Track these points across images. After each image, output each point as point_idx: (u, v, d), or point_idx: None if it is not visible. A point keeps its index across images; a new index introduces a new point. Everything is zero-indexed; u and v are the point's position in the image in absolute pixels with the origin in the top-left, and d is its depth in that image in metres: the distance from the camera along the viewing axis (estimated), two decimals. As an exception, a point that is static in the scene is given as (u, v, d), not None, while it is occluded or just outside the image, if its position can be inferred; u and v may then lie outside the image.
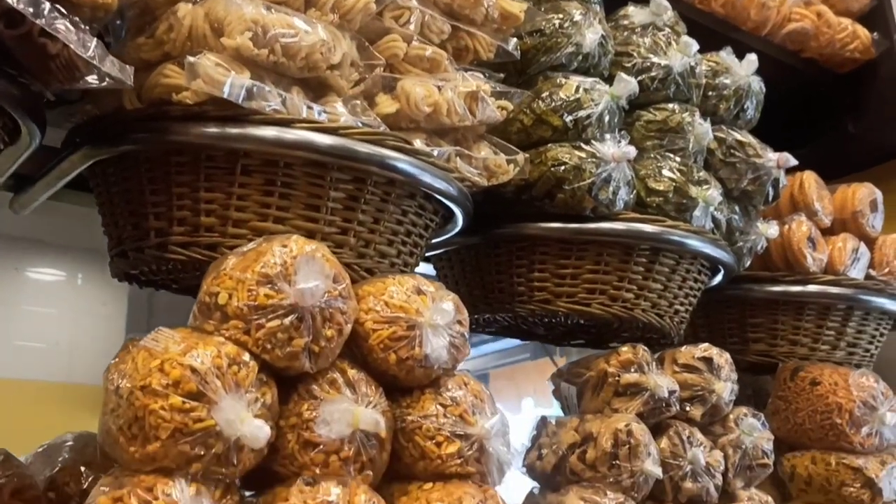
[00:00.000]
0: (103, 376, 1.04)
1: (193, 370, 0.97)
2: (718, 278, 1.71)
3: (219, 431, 0.97)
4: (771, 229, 1.73)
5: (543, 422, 1.51)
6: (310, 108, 1.18)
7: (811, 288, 1.86)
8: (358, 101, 1.25)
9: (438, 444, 1.14)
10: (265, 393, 1.04)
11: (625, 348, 1.48)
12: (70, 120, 1.30)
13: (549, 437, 1.47)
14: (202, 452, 0.96)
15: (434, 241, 1.49)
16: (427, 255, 1.62)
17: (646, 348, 1.49)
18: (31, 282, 6.13)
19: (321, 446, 1.06)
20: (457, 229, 1.47)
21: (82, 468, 1.29)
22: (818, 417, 1.76)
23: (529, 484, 1.50)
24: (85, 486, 1.28)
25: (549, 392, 1.61)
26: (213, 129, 1.13)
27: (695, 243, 1.55)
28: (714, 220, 1.61)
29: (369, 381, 1.12)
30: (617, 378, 1.45)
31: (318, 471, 1.05)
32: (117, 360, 1.04)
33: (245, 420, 0.98)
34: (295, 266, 1.05)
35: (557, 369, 1.60)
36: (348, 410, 1.07)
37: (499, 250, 1.58)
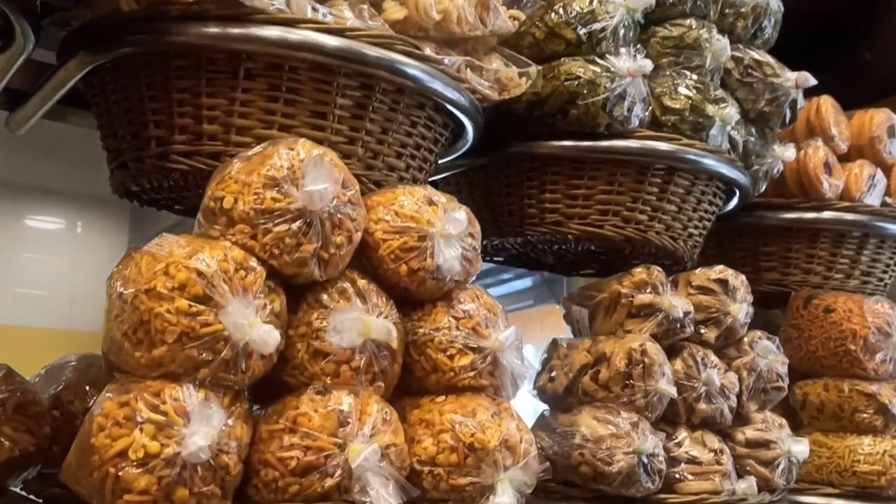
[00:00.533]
0: (106, 283, 1.00)
1: (199, 273, 0.94)
2: (733, 202, 1.67)
3: (227, 336, 0.94)
4: (788, 152, 1.68)
5: (555, 344, 1.48)
6: (315, 9, 1.13)
7: (826, 214, 1.82)
8: (365, 6, 1.20)
9: (451, 357, 1.11)
10: (273, 300, 1.00)
11: (638, 269, 1.45)
12: (65, 28, 1.25)
13: (560, 359, 1.44)
14: (210, 358, 0.93)
15: (443, 160, 1.45)
16: (434, 178, 1.58)
17: (660, 269, 1.45)
18: (30, 230, 6.10)
19: (332, 356, 1.03)
20: (467, 145, 1.43)
21: (87, 387, 1.27)
22: (832, 344, 1.74)
23: (539, 407, 1.48)
24: (90, 405, 1.25)
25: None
26: (213, 30, 1.08)
27: (711, 163, 1.50)
28: (731, 140, 1.56)
29: (380, 293, 1.09)
30: (630, 299, 1.42)
31: (328, 381, 1.02)
32: (120, 266, 1.01)
33: (254, 325, 0.94)
34: (302, 169, 1.01)
35: (568, 294, 1.57)
36: (359, 319, 1.03)
37: (509, 171, 1.54)
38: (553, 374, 1.44)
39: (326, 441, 0.97)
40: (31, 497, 1.10)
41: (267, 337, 0.95)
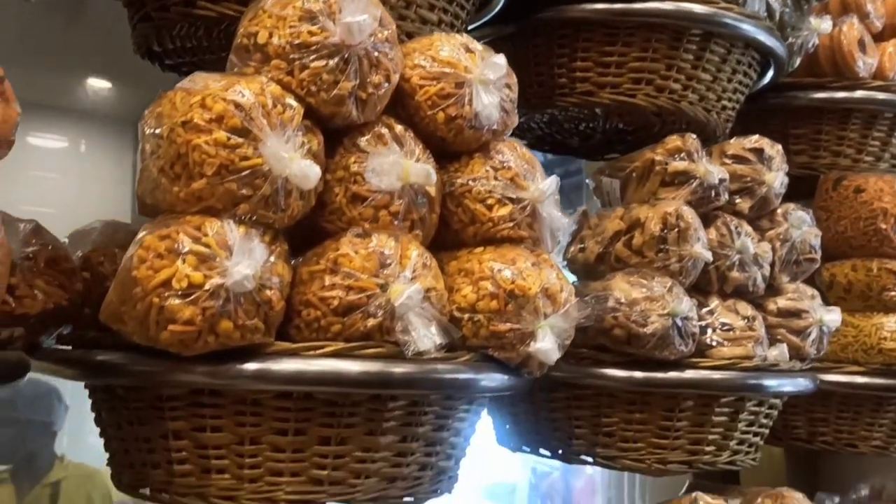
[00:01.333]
0: (139, 126, 0.97)
1: (237, 105, 0.91)
2: (768, 76, 1.63)
3: (266, 170, 0.91)
4: (824, 24, 1.63)
5: (584, 215, 1.46)
6: None
7: (858, 94, 1.78)
8: None
9: (489, 207, 1.09)
10: (311, 140, 0.97)
11: (672, 136, 1.42)
12: None
13: (591, 228, 1.43)
14: (249, 193, 0.91)
15: (469, 28, 1.41)
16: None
17: (694, 136, 1.42)
18: (33, 147, 6.04)
19: (370, 199, 1.01)
20: (495, 10, 1.38)
21: (116, 250, 1.25)
22: (861, 224, 1.72)
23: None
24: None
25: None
26: None
27: (749, 28, 1.45)
28: (768, 7, 1.51)
29: (416, 140, 1.06)
30: (664, 166, 1.39)
31: (367, 225, 1.01)
32: (152, 107, 0.97)
33: (294, 159, 0.92)
34: (339, 3, 0.97)
35: (598, 167, 1.54)
36: (398, 163, 1.01)
37: (538, 39, 1.49)
38: (583, 244, 1.42)
39: (368, 281, 0.95)
40: (67, 348, 1.09)
41: (307, 170, 0.92)
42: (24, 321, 1.08)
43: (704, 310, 1.38)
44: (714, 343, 1.35)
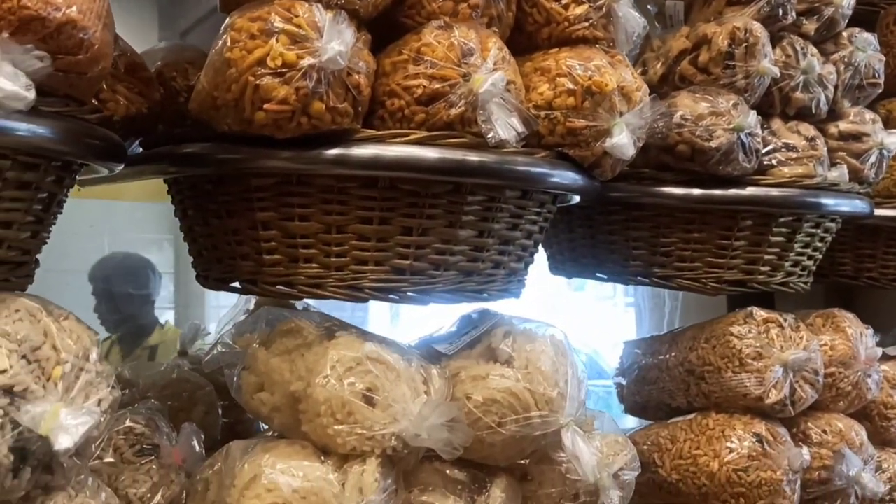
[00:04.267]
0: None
1: None
2: None
3: (353, -47, 0.91)
4: None
5: (647, 39, 1.44)
6: None
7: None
8: None
9: (565, 7, 1.09)
10: (393, -72, 0.97)
11: (740, -47, 1.38)
12: None
13: (654, 51, 1.42)
14: (335, -24, 0.92)
15: None
16: None
17: (763, -47, 1.39)
18: None
19: (450, -8, 1.01)
20: None
21: (187, 65, 1.26)
22: (923, 57, 1.69)
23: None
24: (192, 83, 1.25)
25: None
26: None
27: None
28: None
29: (495, -63, 1.05)
30: (732, -17, 1.37)
31: (447, 19, 1.01)
32: None
33: (380, -60, 0.92)
34: None
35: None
36: (478, -45, 1.00)
37: None
38: (646, 66, 1.41)
39: (451, 70, 0.97)
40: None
41: (394, -47, 0.92)
42: (108, 124, 1.11)
43: (766, 131, 1.38)
44: (775, 163, 1.37)
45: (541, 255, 1.34)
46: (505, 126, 0.98)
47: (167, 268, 3.58)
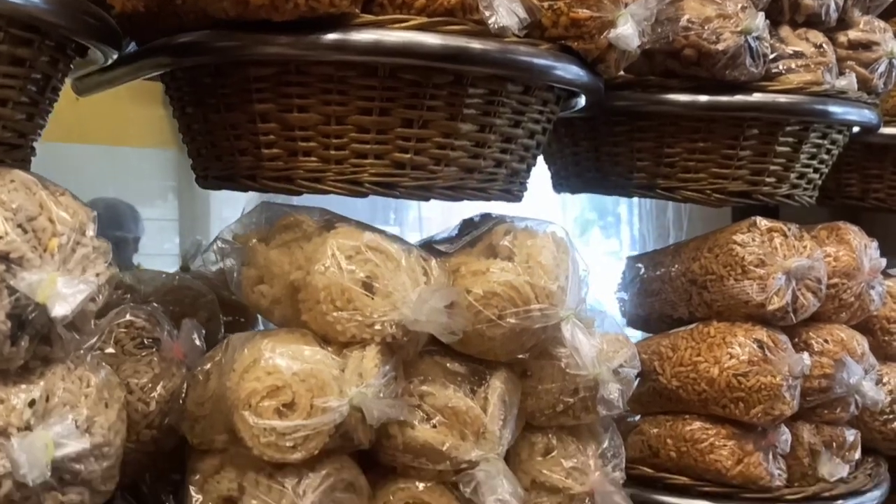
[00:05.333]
0: None
1: None
2: None
3: None
4: None
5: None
6: None
7: None
8: None
9: None
10: None
11: None
12: None
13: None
14: None
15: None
16: None
17: None
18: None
19: None
20: None
21: None
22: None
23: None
24: None
25: None
26: None
27: None
28: None
29: None
30: None
31: None
32: None
33: None
34: None
35: None
36: None
37: None
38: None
39: (452, -47, 0.95)
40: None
41: None
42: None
43: (775, 38, 1.36)
44: (783, 70, 1.34)
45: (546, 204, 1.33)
46: (507, 12, 0.96)
47: (172, 216, 3.58)
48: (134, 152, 3.74)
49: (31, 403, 0.75)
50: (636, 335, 1.54)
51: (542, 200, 1.90)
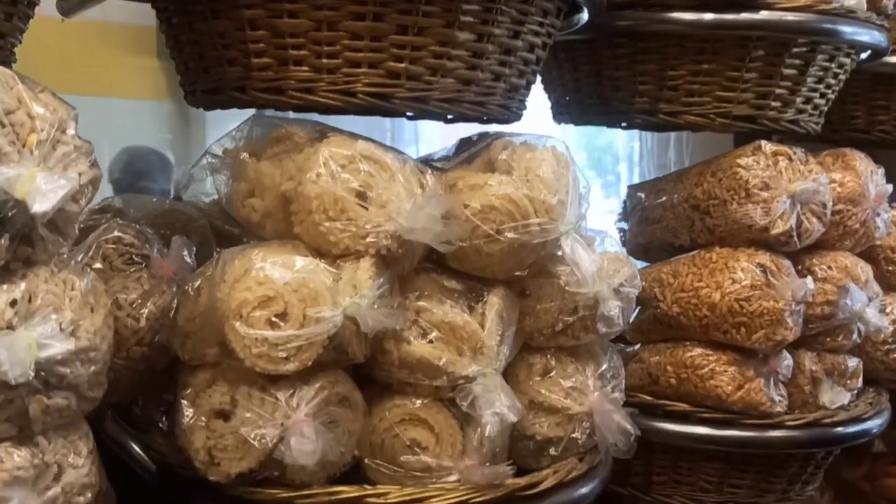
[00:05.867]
0: None
1: None
2: None
3: None
4: None
5: None
6: None
7: None
8: None
9: None
10: None
11: None
12: None
13: None
14: None
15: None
16: None
17: None
18: None
19: None
20: None
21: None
22: None
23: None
24: None
25: None
26: None
27: None
28: None
29: None
30: None
31: None
32: None
33: None
34: None
35: None
36: None
37: None
38: None
39: None
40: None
41: None
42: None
43: (783, -47, 1.31)
44: (791, -15, 1.30)
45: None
46: None
47: (165, 168, 3.55)
48: (128, 104, 3.69)
49: (13, 303, 0.72)
50: (637, 265, 1.51)
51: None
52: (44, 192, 0.71)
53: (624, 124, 1.50)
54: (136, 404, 1.12)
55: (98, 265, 0.99)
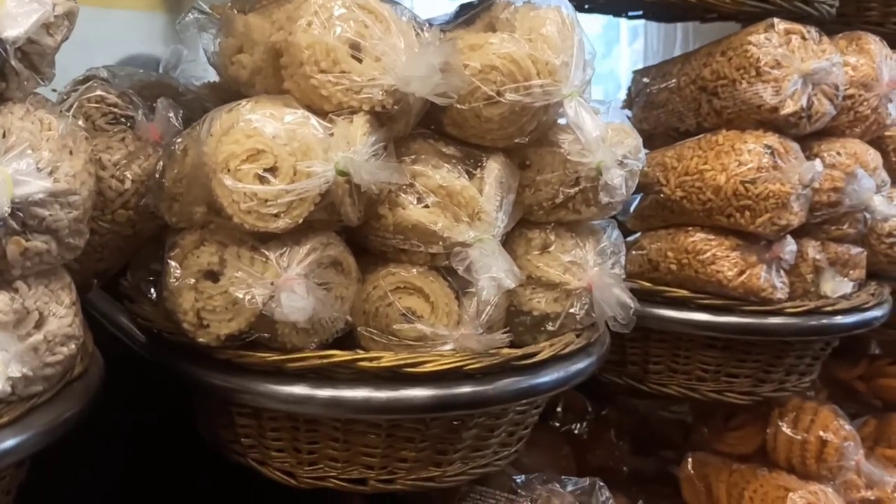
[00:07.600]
0: None
1: None
2: None
3: None
4: None
5: None
6: None
7: None
8: None
9: None
10: None
11: None
12: None
13: None
14: None
15: None
16: None
17: None
18: None
19: None
20: None
21: None
22: None
23: None
24: None
25: None
26: None
27: None
28: None
29: None
30: None
31: None
32: None
33: None
34: None
35: None
36: None
37: None
38: None
39: None
40: None
41: None
42: None
43: None
44: None
45: None
46: None
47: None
48: (123, 14, 3.57)
49: (-14, 138, 0.68)
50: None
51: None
52: (14, 15, 0.66)
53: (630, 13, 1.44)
54: (124, 276, 1.10)
55: (80, 123, 0.95)
